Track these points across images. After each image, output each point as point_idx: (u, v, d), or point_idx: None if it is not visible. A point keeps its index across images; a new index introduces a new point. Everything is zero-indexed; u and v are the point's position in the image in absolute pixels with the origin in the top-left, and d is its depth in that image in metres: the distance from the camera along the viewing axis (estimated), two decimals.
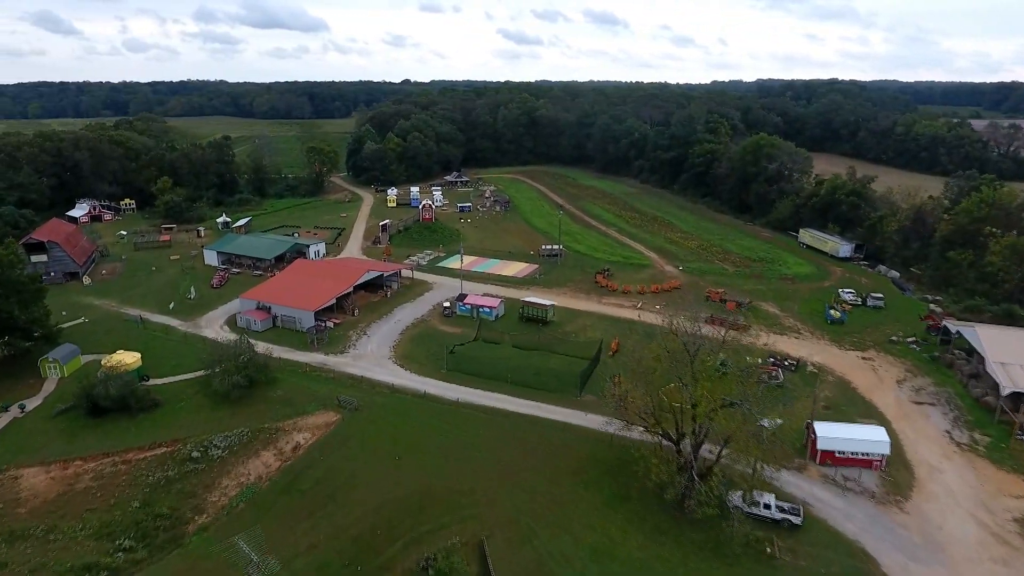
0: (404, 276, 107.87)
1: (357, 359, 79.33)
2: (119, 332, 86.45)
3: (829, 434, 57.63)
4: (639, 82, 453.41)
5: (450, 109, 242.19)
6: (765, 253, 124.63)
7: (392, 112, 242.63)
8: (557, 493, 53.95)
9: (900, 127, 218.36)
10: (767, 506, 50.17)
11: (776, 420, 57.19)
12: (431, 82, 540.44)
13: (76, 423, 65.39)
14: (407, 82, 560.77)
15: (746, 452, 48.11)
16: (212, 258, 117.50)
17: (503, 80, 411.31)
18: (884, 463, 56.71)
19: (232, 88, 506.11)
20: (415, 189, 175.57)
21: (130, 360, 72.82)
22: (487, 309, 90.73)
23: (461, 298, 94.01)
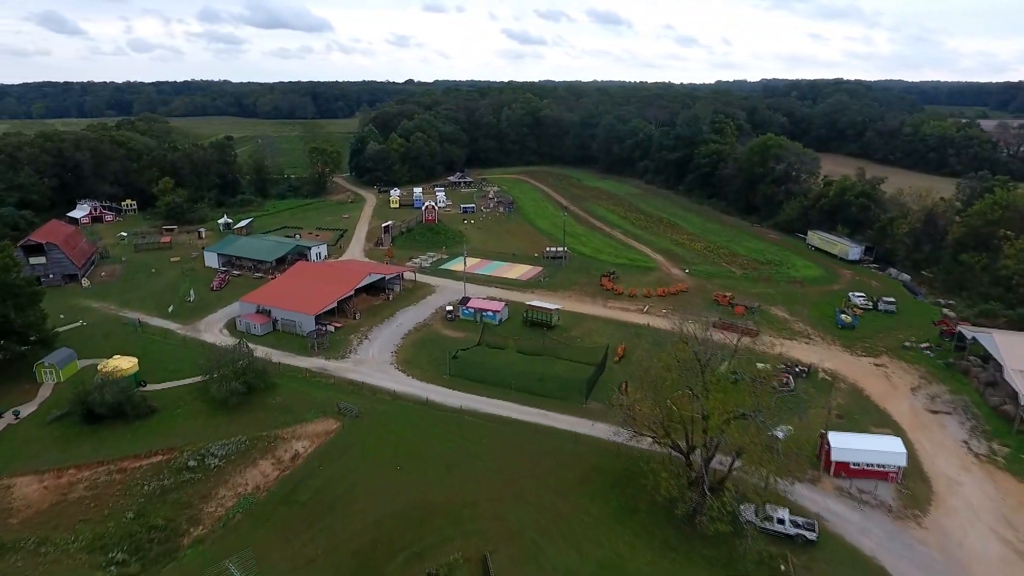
0: (406, 279, 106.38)
1: (358, 364, 77.84)
2: (117, 336, 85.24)
3: (844, 445, 55.82)
4: (643, 82, 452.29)
5: (453, 109, 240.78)
6: (773, 255, 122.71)
7: (395, 112, 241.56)
8: (563, 505, 52.30)
9: (908, 127, 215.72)
10: (781, 521, 48.41)
11: (788, 428, 55.35)
12: (435, 82, 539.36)
13: (71, 430, 63.95)
14: (410, 82, 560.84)
15: (760, 465, 46.35)
16: (212, 260, 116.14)
17: (507, 80, 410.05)
18: (901, 475, 54.91)
19: (236, 88, 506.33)
20: (418, 190, 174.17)
21: (127, 365, 71.45)
22: (491, 313, 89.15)
23: (464, 301, 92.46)
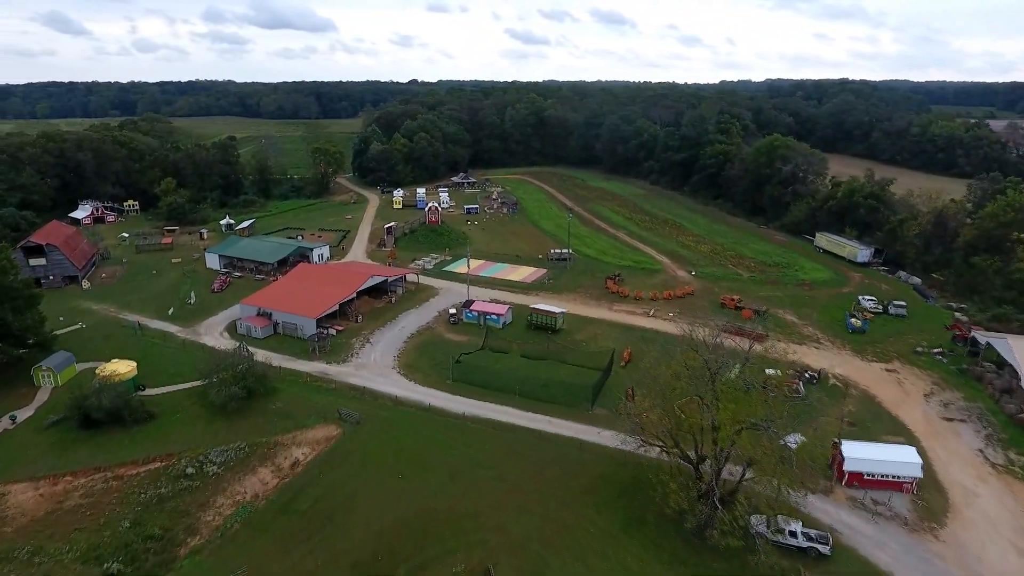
0: (409, 281, 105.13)
1: (360, 368, 76.63)
2: (116, 339, 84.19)
3: (857, 454, 54.33)
4: (647, 82, 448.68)
5: (457, 109, 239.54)
6: (780, 258, 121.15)
7: (399, 112, 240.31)
8: (568, 516, 50.95)
9: (916, 127, 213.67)
10: (793, 534, 46.96)
11: (800, 437, 53.91)
12: (438, 82, 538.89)
13: (67, 436, 62.80)
14: (414, 82, 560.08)
15: (772, 476, 44.92)
16: (214, 261, 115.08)
17: (510, 80, 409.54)
18: (916, 486, 53.42)
19: (240, 88, 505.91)
20: (421, 190, 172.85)
21: (125, 369, 70.37)
22: (494, 316, 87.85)
23: (468, 304, 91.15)
